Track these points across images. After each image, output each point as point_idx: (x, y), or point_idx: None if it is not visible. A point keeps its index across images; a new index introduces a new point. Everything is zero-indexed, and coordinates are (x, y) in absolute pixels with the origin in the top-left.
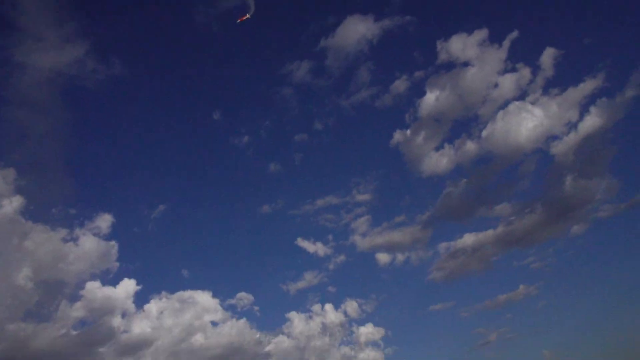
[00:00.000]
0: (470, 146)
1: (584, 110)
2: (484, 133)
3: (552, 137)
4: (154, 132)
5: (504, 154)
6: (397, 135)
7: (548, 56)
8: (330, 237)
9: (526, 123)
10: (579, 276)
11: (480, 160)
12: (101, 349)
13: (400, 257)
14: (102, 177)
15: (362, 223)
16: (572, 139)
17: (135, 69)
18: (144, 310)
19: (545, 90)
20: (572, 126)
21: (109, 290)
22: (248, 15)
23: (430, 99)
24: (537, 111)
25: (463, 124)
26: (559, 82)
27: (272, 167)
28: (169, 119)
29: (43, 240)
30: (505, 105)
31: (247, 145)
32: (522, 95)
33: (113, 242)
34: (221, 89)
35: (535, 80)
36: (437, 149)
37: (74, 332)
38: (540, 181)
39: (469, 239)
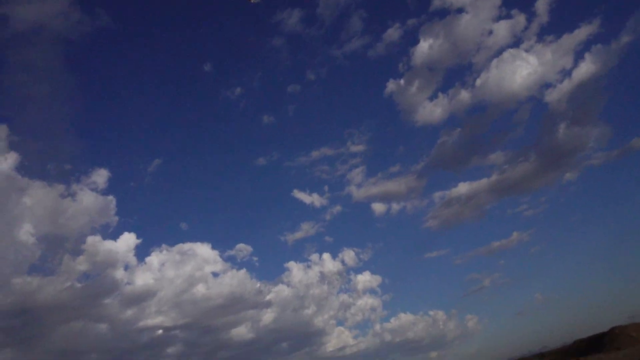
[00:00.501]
0: (464, 95)
1: (578, 57)
2: (478, 82)
3: (546, 85)
4: (145, 85)
5: (498, 103)
6: (391, 85)
7: (543, 2)
8: (325, 188)
9: (520, 71)
10: (571, 222)
11: (474, 109)
12: (106, 301)
13: (395, 207)
14: (96, 132)
15: (357, 174)
16: (565, 86)
17: (122, 21)
18: (145, 263)
19: (540, 37)
20: (566, 73)
21: (110, 244)
22: None
23: (424, 47)
24: (532, 59)
25: (457, 72)
26: (553, 29)
27: (265, 119)
28: (159, 72)
29: (41, 196)
30: (499, 53)
31: (239, 98)
32: (516, 43)
33: (111, 197)
34: (211, 40)
35: (529, 27)
36: (431, 98)
37: (79, 285)
38: (534, 129)
39: (463, 187)
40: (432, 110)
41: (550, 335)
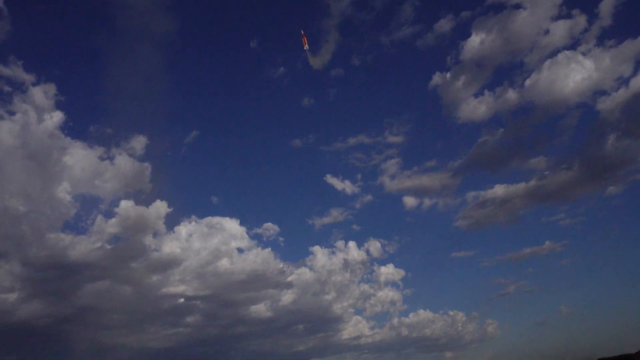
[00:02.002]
0: (512, 95)
1: (639, 65)
2: (528, 82)
3: (600, 92)
4: (191, 57)
5: (546, 106)
6: (437, 78)
7: (608, 3)
8: (359, 176)
9: (574, 75)
10: (609, 238)
11: (520, 110)
12: (133, 264)
13: (427, 202)
14: (138, 98)
15: (392, 165)
16: (621, 95)
17: None
18: (174, 232)
19: (600, 40)
20: (624, 82)
21: (141, 210)
22: None
23: (475, 41)
24: (588, 63)
25: (506, 70)
26: (615, 33)
27: (305, 101)
28: (205, 44)
29: (81, 157)
30: (554, 54)
31: (282, 77)
32: (573, 45)
33: (147, 164)
34: (260, 16)
35: (590, 29)
36: (477, 95)
37: (108, 247)
38: (581, 137)
39: (499, 189)
40: (476, 107)
41: (571, 350)
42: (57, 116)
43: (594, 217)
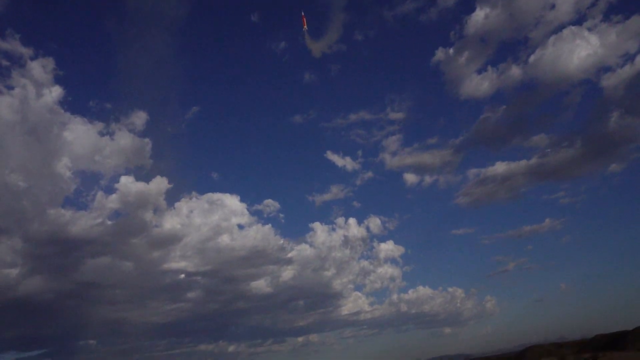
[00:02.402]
0: (515, 71)
1: None
2: (532, 58)
3: (605, 69)
4: (191, 32)
5: (549, 83)
6: (439, 53)
7: None
8: (359, 152)
9: (579, 51)
10: (609, 216)
11: (523, 86)
12: (134, 240)
13: (428, 179)
14: (138, 73)
15: (393, 141)
16: (626, 72)
17: None
18: (174, 208)
19: (607, 16)
20: (629, 58)
21: (142, 186)
22: None
23: (479, 16)
24: (593, 39)
25: (511, 46)
26: (622, 8)
27: (307, 77)
28: (206, 19)
29: (81, 132)
30: (559, 29)
31: (283, 52)
32: (579, 20)
33: (147, 139)
34: None
35: (596, 4)
36: (480, 71)
37: (109, 222)
38: (584, 114)
39: (500, 167)
40: (478, 84)
41: (569, 327)
42: (56, 91)
43: (594, 195)
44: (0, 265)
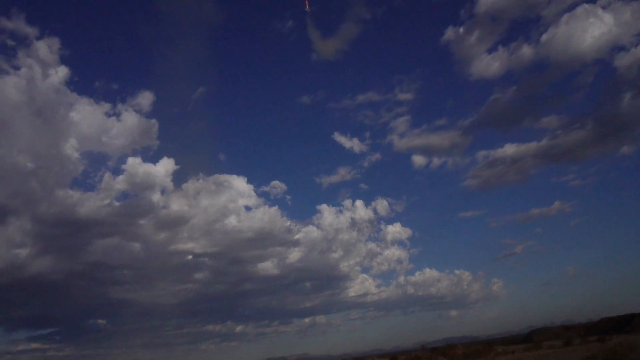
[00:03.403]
0: (526, 51)
1: None
2: (544, 37)
3: (618, 48)
4: (197, 11)
5: (561, 63)
6: (449, 32)
7: None
8: (367, 134)
9: (592, 30)
10: (620, 198)
11: (534, 67)
12: (141, 221)
13: (436, 161)
14: (144, 53)
15: (401, 123)
16: None
17: None
18: (181, 189)
19: None
20: None
21: (149, 167)
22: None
23: None
24: (608, 17)
25: (522, 25)
26: None
27: (314, 57)
28: None
29: (87, 113)
30: (573, 7)
31: (290, 31)
32: None
33: (154, 120)
34: None
35: None
36: (490, 51)
37: (117, 203)
38: (596, 95)
39: (509, 149)
40: (488, 64)
41: (576, 310)
42: (62, 71)
43: (605, 177)
44: (10, 245)
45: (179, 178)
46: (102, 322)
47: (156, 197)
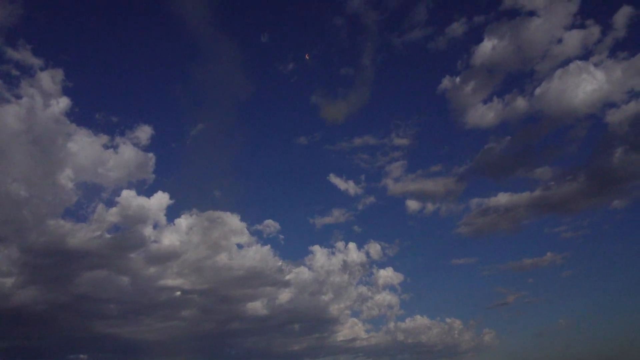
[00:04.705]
0: (521, 103)
1: None
2: (538, 91)
3: (610, 104)
4: (199, 46)
5: (554, 116)
6: (446, 82)
7: (623, 15)
8: (362, 177)
9: (585, 85)
10: (611, 252)
11: (528, 118)
12: (132, 255)
13: (430, 207)
14: (145, 87)
15: (396, 167)
16: (631, 108)
17: None
18: (174, 224)
19: (613, 52)
20: (634, 95)
21: (143, 201)
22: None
23: (487, 47)
24: (599, 74)
25: (517, 78)
26: (629, 45)
27: (313, 99)
28: (214, 35)
29: (85, 144)
30: (565, 63)
31: (291, 73)
32: (586, 55)
33: (151, 154)
34: (273, 10)
35: (603, 40)
36: (485, 101)
37: (108, 236)
38: (588, 149)
39: (503, 198)
40: (484, 114)
41: None
42: (64, 102)
43: (597, 230)
44: None
45: (172, 213)
46: (84, 358)
47: (148, 231)
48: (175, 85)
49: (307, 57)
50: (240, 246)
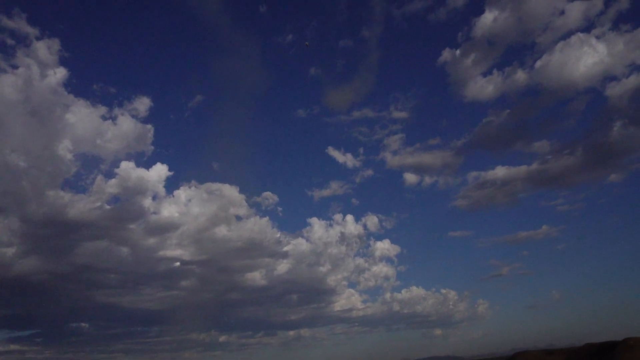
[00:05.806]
0: (521, 76)
1: None
2: (538, 63)
3: (610, 78)
4: (198, 17)
5: (554, 89)
6: (446, 54)
7: None
8: (361, 150)
9: (586, 59)
10: (607, 225)
11: (528, 92)
12: (131, 226)
13: (427, 180)
14: (144, 58)
15: (395, 140)
16: (631, 82)
17: None
18: (173, 196)
19: (615, 24)
20: (635, 68)
21: (142, 172)
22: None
23: (488, 18)
24: (601, 47)
25: (517, 50)
26: (632, 17)
27: (312, 71)
28: (213, 6)
29: (83, 115)
30: (567, 35)
31: (289, 45)
32: (588, 27)
33: (149, 126)
34: None
35: (606, 12)
36: (485, 74)
37: (107, 207)
38: (587, 123)
39: (500, 171)
40: (483, 87)
41: (559, 334)
42: (61, 72)
43: (593, 203)
44: None
45: (171, 184)
46: (85, 326)
47: (147, 202)
48: (174, 57)
49: (306, 44)
50: (238, 218)
